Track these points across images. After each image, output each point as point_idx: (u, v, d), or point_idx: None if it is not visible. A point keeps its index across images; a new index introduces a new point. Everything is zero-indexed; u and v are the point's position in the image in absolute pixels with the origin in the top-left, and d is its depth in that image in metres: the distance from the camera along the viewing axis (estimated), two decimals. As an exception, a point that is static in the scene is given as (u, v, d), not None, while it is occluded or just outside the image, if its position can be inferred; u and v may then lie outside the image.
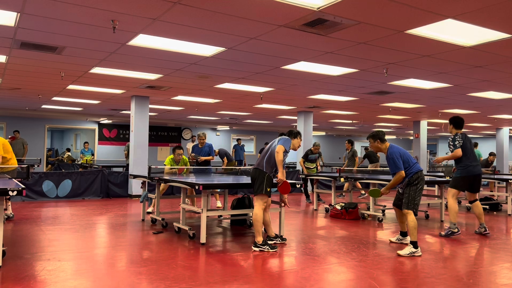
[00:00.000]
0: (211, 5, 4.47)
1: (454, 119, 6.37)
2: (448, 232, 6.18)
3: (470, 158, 6.18)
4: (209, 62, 7.11)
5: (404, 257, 4.90)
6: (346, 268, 4.38)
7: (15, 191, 3.98)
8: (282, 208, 5.91)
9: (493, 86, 8.87)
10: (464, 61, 6.72)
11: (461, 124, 6.35)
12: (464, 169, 6.19)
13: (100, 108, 14.29)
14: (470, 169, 6.16)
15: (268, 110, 14.00)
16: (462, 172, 6.21)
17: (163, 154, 20.19)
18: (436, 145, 28.55)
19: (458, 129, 6.33)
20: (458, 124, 6.34)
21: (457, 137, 6.21)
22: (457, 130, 6.32)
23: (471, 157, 6.19)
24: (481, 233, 6.40)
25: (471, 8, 4.41)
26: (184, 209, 6.06)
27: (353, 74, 7.82)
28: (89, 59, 6.99)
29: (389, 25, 5.01)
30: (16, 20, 5.08)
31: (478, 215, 6.35)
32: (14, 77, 8.82)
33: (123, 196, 10.96)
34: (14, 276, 3.88)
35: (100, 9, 4.65)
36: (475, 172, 6.20)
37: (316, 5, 4.42)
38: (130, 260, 4.55)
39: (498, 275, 4.23)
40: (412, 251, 4.97)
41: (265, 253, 4.99)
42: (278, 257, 4.84)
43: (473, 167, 6.18)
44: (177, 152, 8.05)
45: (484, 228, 6.37)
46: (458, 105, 12.01)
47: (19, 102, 13.30)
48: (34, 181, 9.92)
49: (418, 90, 9.48)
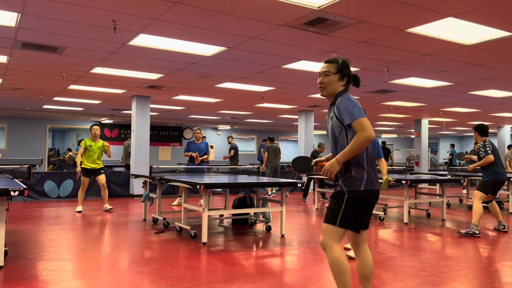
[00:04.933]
0: (212, 5, 4.48)
1: (479, 126, 6.50)
2: (469, 231, 6.21)
3: (499, 164, 6.36)
4: (210, 62, 7.11)
5: (403, 254, 4.90)
6: (347, 267, 4.38)
7: (17, 191, 3.99)
8: (284, 207, 5.92)
9: (494, 84, 8.86)
10: (465, 60, 6.71)
11: (486, 131, 6.48)
12: (494, 174, 6.33)
13: (101, 108, 14.31)
14: (499, 175, 6.32)
15: (269, 109, 14.00)
16: (492, 177, 6.33)
17: (165, 154, 20.20)
18: (438, 143, 28.51)
19: (484, 136, 6.46)
20: (483, 131, 6.47)
21: (487, 143, 6.36)
22: (483, 137, 6.45)
23: (499, 163, 6.37)
24: (500, 230, 6.60)
25: (472, 6, 4.41)
26: (185, 209, 6.06)
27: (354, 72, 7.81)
28: (90, 59, 7.00)
29: (390, 24, 5.01)
30: (17, 21, 5.08)
31: (495, 214, 6.57)
32: (15, 78, 8.83)
33: (124, 196, 10.97)
34: (16, 276, 3.89)
35: (100, 9, 4.66)
36: (504, 178, 6.36)
37: (317, 4, 4.42)
38: (132, 260, 4.55)
39: (501, 273, 4.23)
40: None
41: (265, 253, 4.99)
42: (279, 256, 4.85)
43: (501, 173, 6.34)
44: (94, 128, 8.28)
45: (503, 226, 6.58)
46: (459, 104, 11.99)
47: (21, 103, 13.32)
48: (36, 181, 9.94)
49: (419, 88, 9.47)
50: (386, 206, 8.58)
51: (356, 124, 2.62)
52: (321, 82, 2.85)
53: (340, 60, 2.83)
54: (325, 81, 2.82)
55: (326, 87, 2.82)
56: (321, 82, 2.85)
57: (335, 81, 2.81)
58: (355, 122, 2.62)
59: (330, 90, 2.82)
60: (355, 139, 2.59)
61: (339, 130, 2.75)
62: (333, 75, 2.80)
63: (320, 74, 2.87)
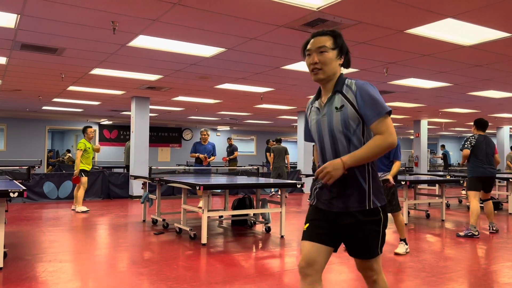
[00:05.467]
0: (211, 6, 4.48)
1: (477, 120, 6.47)
2: (467, 233, 6.19)
3: (481, 159, 6.23)
4: (209, 63, 7.12)
5: (403, 256, 4.90)
6: (347, 268, 4.39)
7: (16, 193, 3.99)
8: (283, 208, 5.92)
9: (493, 85, 8.87)
10: (464, 60, 6.72)
11: (481, 125, 6.40)
12: (473, 169, 6.28)
13: (101, 109, 14.30)
14: (480, 170, 6.23)
15: (268, 110, 14.01)
16: (473, 173, 6.30)
17: (164, 155, 20.19)
18: (437, 144, 28.53)
19: (480, 130, 6.40)
20: (480, 125, 6.42)
21: (471, 138, 6.32)
22: (478, 131, 6.40)
23: (483, 158, 6.24)
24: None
25: (471, 7, 4.41)
26: (185, 210, 6.06)
27: (353, 74, 7.82)
28: (89, 60, 7.00)
29: (389, 25, 5.01)
30: (16, 22, 5.08)
31: (487, 214, 6.51)
32: (14, 79, 8.83)
33: (123, 197, 10.96)
34: (15, 277, 3.88)
35: (100, 11, 4.66)
36: (486, 173, 6.25)
37: (316, 5, 4.42)
38: (131, 261, 4.55)
39: (500, 274, 4.23)
40: (407, 248, 5.05)
41: (265, 254, 4.99)
42: (279, 257, 4.85)
43: (483, 168, 6.23)
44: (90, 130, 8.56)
45: (491, 227, 6.51)
46: (458, 104, 12.01)
47: (20, 104, 13.31)
48: (35, 182, 9.92)
49: (418, 89, 9.48)
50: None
51: (384, 122, 2.00)
52: (315, 62, 2.11)
53: (337, 31, 2.17)
54: (321, 60, 2.10)
55: (324, 67, 2.09)
56: (315, 61, 2.11)
57: (334, 59, 2.11)
58: (383, 119, 2.00)
59: (329, 72, 2.10)
60: (378, 143, 1.98)
61: (355, 125, 2.06)
62: (330, 51, 2.10)
63: (311, 52, 2.13)
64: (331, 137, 2.11)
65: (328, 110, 2.12)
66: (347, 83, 2.10)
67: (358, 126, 2.06)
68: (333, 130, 2.10)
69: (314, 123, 2.20)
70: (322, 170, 1.99)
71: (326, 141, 2.14)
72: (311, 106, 2.26)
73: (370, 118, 2.02)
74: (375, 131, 2.01)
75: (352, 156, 2.00)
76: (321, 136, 2.17)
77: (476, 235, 6.13)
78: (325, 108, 2.14)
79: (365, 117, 2.04)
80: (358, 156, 1.99)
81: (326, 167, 1.99)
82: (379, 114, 2.00)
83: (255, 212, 6.47)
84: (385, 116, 2.01)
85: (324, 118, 2.13)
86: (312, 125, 2.21)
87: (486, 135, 6.36)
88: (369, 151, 1.98)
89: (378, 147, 1.98)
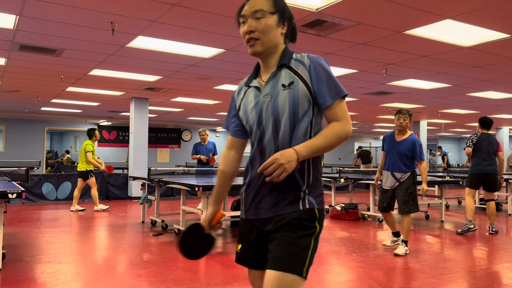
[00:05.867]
0: (210, 7, 4.48)
1: (482, 119, 6.57)
2: (464, 229, 6.35)
3: (482, 157, 6.35)
4: (208, 64, 7.11)
5: (402, 256, 4.89)
6: (346, 269, 4.38)
7: (14, 194, 3.98)
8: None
9: (492, 86, 8.88)
10: (463, 61, 6.73)
11: (486, 124, 6.51)
12: (473, 166, 6.43)
13: (100, 110, 14.29)
14: (479, 167, 6.36)
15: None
16: (471, 169, 6.47)
17: (163, 156, 20.18)
18: (436, 145, 28.56)
19: (484, 128, 6.52)
20: (484, 124, 6.54)
21: (473, 136, 6.44)
22: (482, 130, 6.51)
23: (484, 156, 6.35)
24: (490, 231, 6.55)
25: (470, 9, 4.41)
26: (184, 211, 6.05)
27: (352, 74, 7.82)
28: (88, 61, 6.99)
29: (388, 26, 5.01)
30: (15, 23, 5.08)
31: (489, 214, 6.56)
32: (13, 80, 8.82)
33: (122, 198, 10.95)
34: (14, 278, 3.87)
35: (99, 12, 4.65)
36: (486, 171, 6.35)
37: (315, 6, 4.42)
38: (130, 262, 4.54)
39: (499, 275, 4.23)
40: (406, 249, 5.03)
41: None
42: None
43: (482, 166, 6.34)
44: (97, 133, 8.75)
45: (490, 228, 6.54)
46: (457, 105, 12.01)
47: (19, 105, 13.30)
48: (34, 183, 9.91)
49: (417, 90, 9.48)
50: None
51: (343, 106, 1.65)
52: (250, 31, 1.67)
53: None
54: (258, 28, 1.66)
55: (262, 37, 1.67)
56: (251, 30, 1.67)
57: (274, 27, 1.68)
58: (341, 101, 1.65)
59: (269, 42, 1.67)
60: (336, 131, 1.61)
61: (306, 107, 1.65)
62: (269, 15, 1.67)
63: (246, 18, 1.69)
64: (274, 123, 1.66)
65: (273, 88, 1.67)
66: (296, 56, 1.71)
67: (308, 109, 1.66)
68: (278, 114, 1.65)
69: (252, 107, 1.71)
70: (273, 162, 1.51)
71: (268, 129, 1.67)
72: (245, 87, 1.78)
73: (327, 99, 1.63)
74: (331, 116, 1.65)
75: (307, 146, 1.58)
76: (260, 123, 1.69)
77: (472, 228, 6.29)
78: (268, 87, 1.68)
79: (319, 98, 1.64)
80: (315, 146, 1.59)
81: (279, 158, 1.52)
82: (338, 94, 1.64)
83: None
84: (343, 100, 1.66)
85: (267, 99, 1.67)
86: (249, 110, 1.73)
87: (489, 134, 6.46)
88: (327, 141, 1.60)
89: (336, 137, 1.61)
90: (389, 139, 5.20)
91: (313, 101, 1.66)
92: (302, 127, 1.65)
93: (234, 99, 1.85)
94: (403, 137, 5.06)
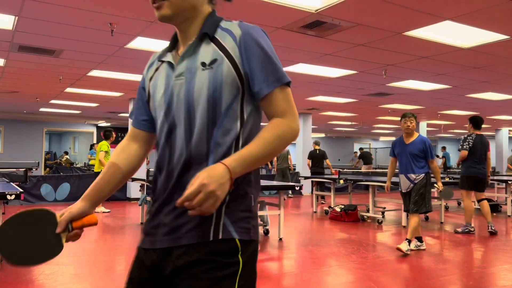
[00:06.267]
0: (209, 8, 4.47)
1: (474, 119, 6.54)
2: (464, 230, 6.46)
3: (475, 160, 6.37)
4: (208, 65, 7.10)
5: (401, 257, 4.88)
6: (345, 270, 4.37)
7: (13, 195, 3.96)
8: (282, 210, 5.90)
9: (491, 87, 8.88)
10: (463, 63, 6.73)
11: (479, 124, 6.52)
12: (466, 169, 6.45)
13: (98, 111, 14.27)
14: (473, 170, 6.39)
15: (267, 112, 13.99)
16: (464, 172, 6.49)
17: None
18: (436, 146, 28.56)
19: (477, 129, 6.51)
20: (477, 124, 6.51)
21: (469, 138, 6.40)
22: (475, 130, 6.49)
23: (477, 159, 6.37)
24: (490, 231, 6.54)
25: (469, 10, 4.41)
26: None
27: (351, 75, 7.82)
28: (87, 62, 6.98)
29: (387, 27, 5.01)
30: (14, 24, 5.07)
31: (484, 214, 6.58)
32: (12, 80, 8.80)
33: (121, 199, 10.93)
34: (12, 280, 3.85)
35: (98, 12, 4.64)
36: (479, 174, 6.41)
37: (314, 7, 4.42)
38: (128, 264, 4.52)
39: (498, 276, 4.22)
40: (408, 249, 5.04)
41: (263, 257, 4.97)
42: (277, 260, 4.83)
43: (477, 169, 6.38)
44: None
45: (490, 226, 6.55)
46: (457, 106, 12.02)
47: (17, 105, 13.28)
48: (32, 184, 9.89)
49: (417, 91, 9.48)
50: (384, 209, 8.57)
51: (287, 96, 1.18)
52: None
53: None
54: None
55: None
56: None
57: None
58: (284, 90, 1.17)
59: (181, 2, 1.22)
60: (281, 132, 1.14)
61: (232, 96, 1.17)
62: None
63: None
64: (187, 117, 1.16)
65: (189, 66, 1.18)
66: (224, 25, 1.23)
67: (236, 99, 1.16)
68: (192, 104, 1.15)
69: (162, 90, 1.23)
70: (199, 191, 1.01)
71: (179, 125, 1.18)
72: (158, 62, 1.30)
73: (263, 87, 1.14)
74: (271, 110, 1.16)
75: (241, 158, 1.08)
76: (169, 114, 1.20)
77: (472, 231, 6.42)
78: (183, 64, 1.20)
79: (253, 84, 1.15)
80: (252, 157, 1.09)
81: (206, 184, 1.01)
82: (278, 81, 1.15)
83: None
84: (286, 87, 1.17)
85: (180, 81, 1.18)
86: (157, 94, 1.24)
87: (482, 134, 6.47)
88: (268, 147, 1.11)
89: (280, 139, 1.12)
90: (398, 143, 5.36)
91: (244, 88, 1.16)
92: (226, 125, 1.15)
93: (143, 78, 1.36)
94: (412, 139, 5.23)
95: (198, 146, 1.15)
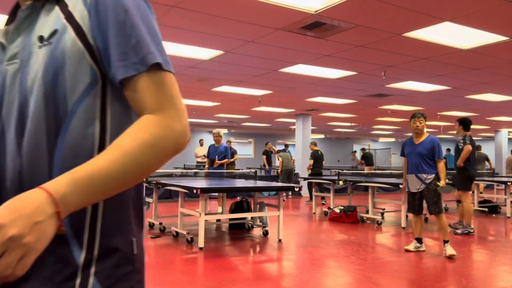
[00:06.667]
0: (208, 9, 4.46)
1: (464, 120, 6.58)
2: (464, 231, 6.52)
3: (472, 163, 6.51)
4: (207, 65, 7.10)
5: (401, 257, 4.88)
6: (345, 271, 4.36)
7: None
8: (281, 212, 5.89)
9: (491, 88, 8.88)
10: (462, 64, 6.73)
11: (469, 126, 6.59)
12: (468, 171, 6.53)
13: None
14: (472, 172, 6.53)
15: (266, 113, 14.00)
16: (464, 173, 6.56)
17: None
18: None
19: (466, 131, 6.57)
20: (467, 126, 6.57)
21: (467, 138, 6.50)
22: (466, 132, 6.55)
23: (473, 161, 6.52)
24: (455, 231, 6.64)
25: (469, 11, 4.41)
26: (182, 213, 6.03)
27: (351, 76, 7.82)
28: None
29: (387, 28, 5.01)
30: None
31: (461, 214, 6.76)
32: None
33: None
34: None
35: None
36: (476, 174, 6.63)
37: (314, 8, 4.42)
38: None
39: (497, 277, 4.21)
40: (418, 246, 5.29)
41: (262, 258, 4.96)
42: (276, 261, 4.82)
43: (474, 170, 6.55)
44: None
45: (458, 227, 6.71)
46: (456, 108, 12.02)
47: None
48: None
49: (416, 92, 9.48)
50: (383, 210, 8.57)
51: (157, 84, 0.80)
52: None
53: None
54: None
55: None
56: None
57: None
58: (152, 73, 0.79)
59: None
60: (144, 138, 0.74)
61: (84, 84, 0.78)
62: None
63: None
64: (19, 114, 0.80)
65: (24, 43, 0.83)
66: None
67: (91, 88, 0.79)
68: (25, 97, 0.80)
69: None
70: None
71: (9, 127, 0.82)
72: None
73: (118, 68, 0.78)
74: (138, 102, 0.79)
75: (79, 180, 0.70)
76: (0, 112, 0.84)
77: (471, 232, 6.50)
78: (18, 42, 0.84)
79: (109, 63, 0.78)
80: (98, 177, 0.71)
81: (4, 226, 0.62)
82: (143, 60, 0.78)
83: (253, 215, 6.44)
84: (162, 72, 0.82)
85: (14, 65, 0.83)
86: None
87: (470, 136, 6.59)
88: (128, 160, 0.73)
89: (151, 147, 0.75)
90: (408, 143, 5.38)
91: (104, 72, 0.80)
92: (77, 129, 0.78)
93: None
94: (421, 139, 5.24)
95: (32, 159, 0.77)
